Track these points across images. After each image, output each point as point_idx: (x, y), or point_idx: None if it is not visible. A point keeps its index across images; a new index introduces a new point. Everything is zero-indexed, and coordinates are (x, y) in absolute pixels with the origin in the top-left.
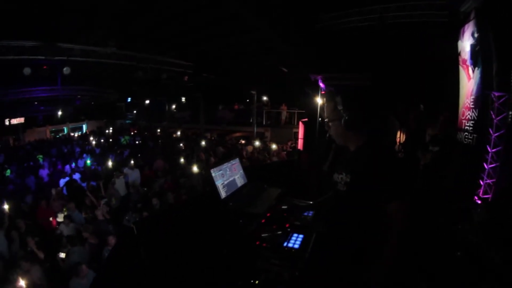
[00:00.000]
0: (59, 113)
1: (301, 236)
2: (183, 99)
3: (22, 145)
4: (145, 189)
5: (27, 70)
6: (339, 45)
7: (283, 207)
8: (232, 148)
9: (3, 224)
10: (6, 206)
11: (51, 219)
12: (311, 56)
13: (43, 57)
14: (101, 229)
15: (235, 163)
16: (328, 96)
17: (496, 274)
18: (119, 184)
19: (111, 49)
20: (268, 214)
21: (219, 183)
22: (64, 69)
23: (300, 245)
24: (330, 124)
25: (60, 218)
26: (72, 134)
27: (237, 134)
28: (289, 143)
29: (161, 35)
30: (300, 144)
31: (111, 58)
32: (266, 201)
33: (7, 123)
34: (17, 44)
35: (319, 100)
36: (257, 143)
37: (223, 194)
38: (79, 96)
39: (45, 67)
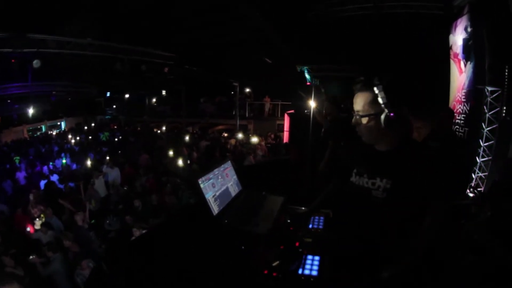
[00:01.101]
0: (30, 111)
1: (317, 258)
2: (164, 92)
3: None
4: (125, 188)
5: None
6: (330, 35)
7: (287, 219)
8: (215, 141)
9: None
10: None
11: (28, 229)
12: (299, 46)
13: (10, 50)
14: (81, 236)
15: (228, 167)
16: (362, 85)
17: (506, 273)
18: (99, 184)
19: (86, 40)
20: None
21: (209, 196)
22: (34, 62)
23: (318, 270)
24: (360, 118)
25: (37, 225)
26: (50, 132)
27: (220, 127)
28: (272, 135)
29: (141, 24)
30: (285, 137)
31: (87, 50)
32: (269, 215)
33: None
34: None
35: (312, 104)
36: (240, 135)
37: (215, 209)
38: (54, 92)
39: (13, 60)
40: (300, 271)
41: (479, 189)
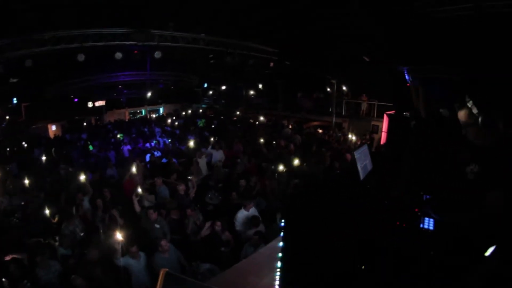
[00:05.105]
0: (149, 94)
1: (432, 220)
2: (260, 85)
3: (103, 124)
4: (226, 170)
5: (118, 55)
6: (430, 35)
7: (406, 194)
8: (311, 136)
9: (88, 192)
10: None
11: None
12: (399, 45)
13: (134, 43)
14: (182, 204)
15: (365, 149)
16: (459, 104)
17: None
18: (202, 163)
19: (199, 35)
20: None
21: (359, 165)
22: (156, 53)
23: (434, 227)
24: (467, 129)
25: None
26: (149, 116)
27: (315, 123)
28: (367, 136)
29: (247, 21)
30: (383, 138)
31: (200, 44)
32: (397, 187)
33: (90, 105)
34: (109, 32)
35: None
36: (339, 134)
37: (362, 175)
38: (161, 80)
39: (136, 51)
40: (421, 226)
41: None
